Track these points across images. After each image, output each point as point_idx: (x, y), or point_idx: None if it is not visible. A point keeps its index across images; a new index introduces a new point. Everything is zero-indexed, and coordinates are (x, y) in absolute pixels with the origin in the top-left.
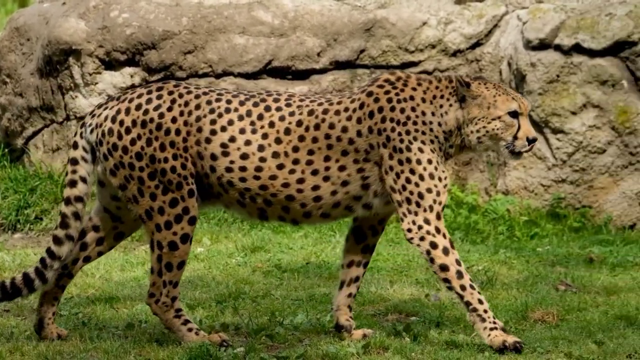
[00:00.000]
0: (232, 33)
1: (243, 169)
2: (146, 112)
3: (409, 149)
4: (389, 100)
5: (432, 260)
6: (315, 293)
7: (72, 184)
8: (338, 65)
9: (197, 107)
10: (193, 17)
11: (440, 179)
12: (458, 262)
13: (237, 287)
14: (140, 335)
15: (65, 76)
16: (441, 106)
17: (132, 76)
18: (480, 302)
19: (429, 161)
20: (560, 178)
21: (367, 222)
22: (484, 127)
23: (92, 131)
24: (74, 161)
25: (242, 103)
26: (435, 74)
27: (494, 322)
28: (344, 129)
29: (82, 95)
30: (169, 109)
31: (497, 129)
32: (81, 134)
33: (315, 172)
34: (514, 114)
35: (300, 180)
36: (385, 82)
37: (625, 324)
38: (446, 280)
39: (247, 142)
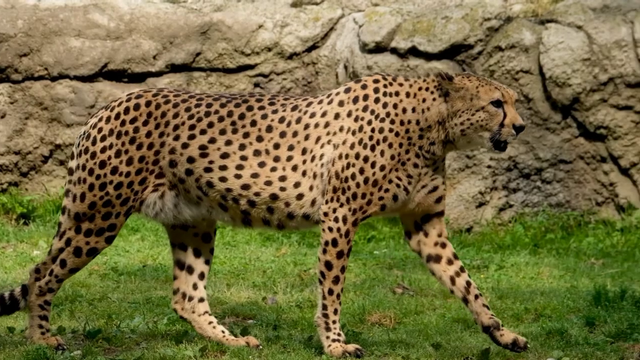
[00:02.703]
0: (68, 36)
1: (223, 167)
2: (123, 123)
3: (372, 149)
4: (376, 91)
5: (324, 252)
6: (152, 296)
7: (68, 193)
8: (174, 68)
9: (176, 115)
10: (29, 19)
11: (380, 189)
12: (342, 269)
13: (74, 290)
14: None
15: None
16: (424, 100)
17: None
18: (335, 312)
19: (382, 168)
20: None
21: (429, 243)
22: (468, 119)
23: (79, 138)
24: (70, 171)
25: (223, 105)
26: (272, 76)
27: (339, 335)
28: (324, 114)
29: None
30: (145, 123)
31: (482, 120)
32: (78, 144)
33: (295, 168)
34: (498, 103)
35: (283, 178)
36: (376, 74)
37: (462, 327)
38: (322, 275)
39: (228, 142)
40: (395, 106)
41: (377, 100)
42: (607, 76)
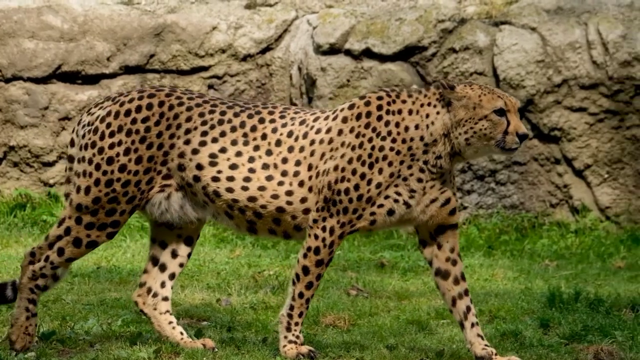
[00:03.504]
0: (22, 37)
1: (231, 179)
2: (134, 121)
3: (370, 166)
4: (379, 108)
5: (304, 256)
6: (106, 298)
7: (69, 181)
8: (128, 69)
9: (188, 119)
10: None
11: (372, 204)
12: (318, 277)
13: None
14: None
15: None
16: (427, 115)
17: None
18: (300, 315)
19: (378, 185)
20: None
21: (442, 258)
22: (471, 127)
23: (82, 127)
24: (70, 159)
25: (236, 114)
26: (226, 78)
27: (297, 337)
28: (328, 130)
29: None
30: (157, 123)
31: (485, 129)
32: (77, 131)
33: (301, 184)
34: (501, 112)
35: (289, 193)
36: (380, 91)
37: (416, 329)
38: (297, 277)
39: (238, 153)
40: (397, 125)
41: (379, 118)
42: (561, 78)
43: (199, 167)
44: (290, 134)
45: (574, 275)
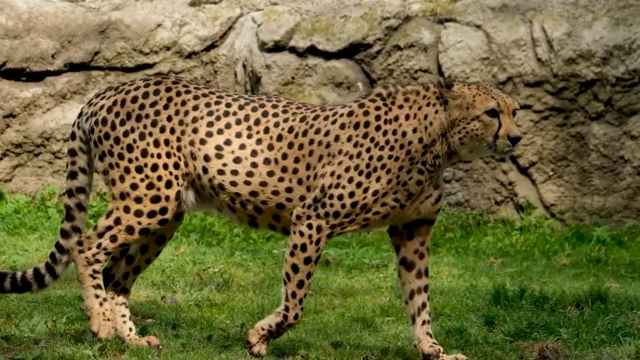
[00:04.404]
0: None
1: (235, 172)
2: (142, 106)
3: (368, 176)
4: (377, 118)
5: (291, 254)
6: (50, 295)
7: (73, 175)
8: (73, 67)
9: (195, 108)
10: None
11: (368, 211)
12: (308, 275)
13: None
14: None
15: None
16: (426, 117)
17: None
18: (296, 318)
19: (374, 193)
20: None
21: (410, 249)
22: (464, 127)
23: (87, 120)
24: (72, 152)
25: (241, 107)
26: (171, 75)
27: (277, 332)
28: (327, 133)
29: None
30: (165, 107)
31: (477, 129)
32: (78, 123)
33: (300, 182)
34: (493, 113)
35: (289, 189)
36: (377, 97)
37: (361, 326)
38: (287, 277)
39: (242, 146)
40: (394, 132)
41: (377, 128)
42: (506, 75)
43: (207, 158)
44: (290, 130)
45: (519, 272)
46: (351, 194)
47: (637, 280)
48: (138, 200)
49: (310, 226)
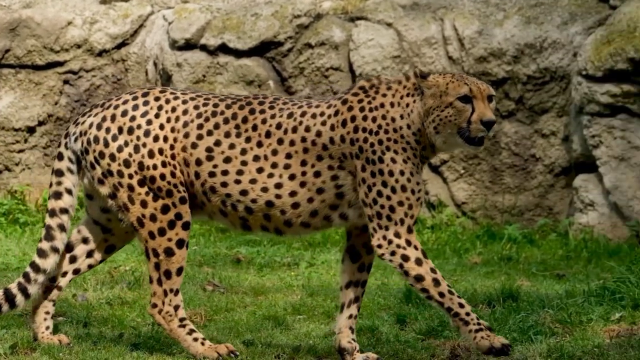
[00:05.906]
0: None
1: (225, 172)
2: (133, 118)
3: (381, 160)
4: (362, 110)
5: (406, 273)
6: None
7: (57, 195)
8: None
9: (185, 112)
10: None
11: (413, 192)
12: (433, 270)
13: None
14: None
15: None
16: (407, 105)
17: None
18: (461, 305)
19: (402, 172)
20: None
21: (360, 240)
22: (438, 115)
23: (76, 140)
24: (59, 172)
25: (228, 106)
26: (81, 74)
27: (478, 324)
28: (318, 134)
29: None
30: (157, 116)
31: (450, 116)
32: (65, 144)
33: (292, 177)
34: (466, 99)
35: (278, 185)
36: (360, 90)
37: (273, 324)
38: (424, 291)
39: (231, 146)
40: (384, 117)
41: (365, 118)
42: None
43: (198, 162)
44: (279, 126)
45: None
46: (384, 184)
47: (548, 279)
48: (153, 218)
49: (390, 242)
